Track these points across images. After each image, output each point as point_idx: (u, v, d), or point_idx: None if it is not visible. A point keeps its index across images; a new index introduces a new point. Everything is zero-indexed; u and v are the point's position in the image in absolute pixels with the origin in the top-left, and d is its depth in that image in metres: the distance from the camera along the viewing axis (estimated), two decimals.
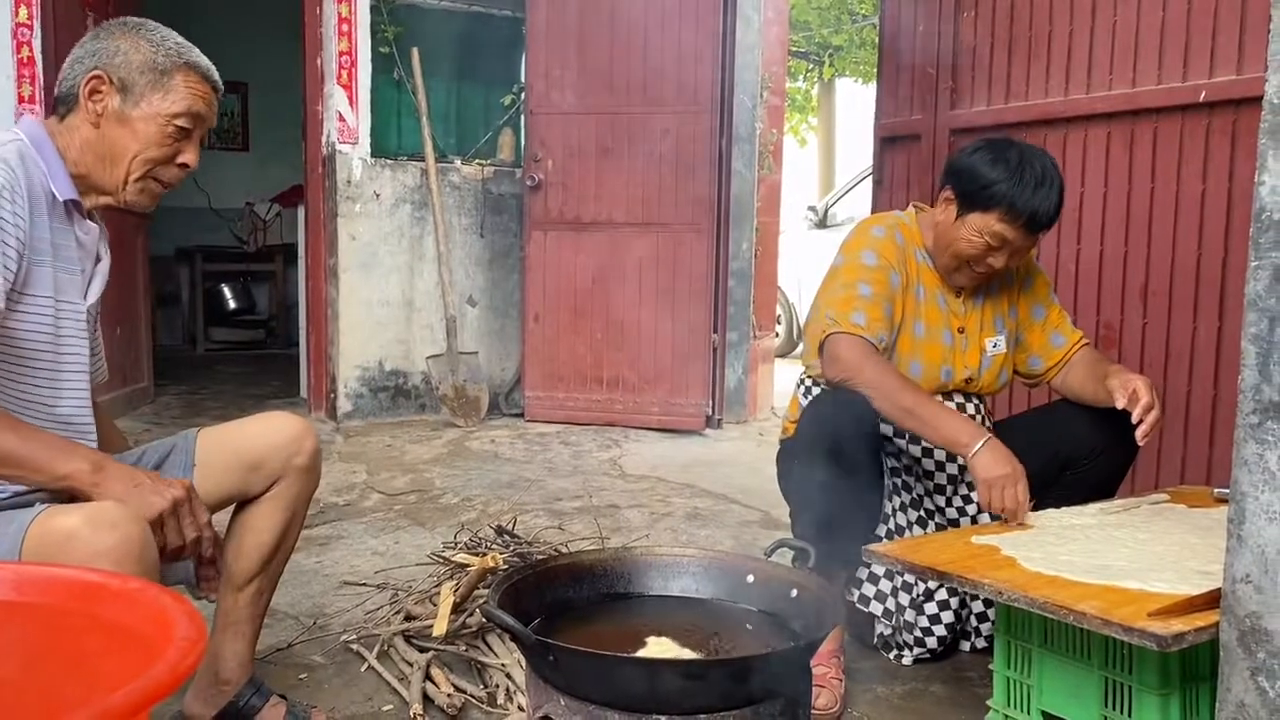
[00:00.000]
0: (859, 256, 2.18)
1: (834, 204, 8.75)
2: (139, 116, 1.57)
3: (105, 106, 1.57)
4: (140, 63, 1.57)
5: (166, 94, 1.58)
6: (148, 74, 1.57)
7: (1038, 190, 2.04)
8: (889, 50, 3.80)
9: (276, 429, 1.77)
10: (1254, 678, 1.30)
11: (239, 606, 1.80)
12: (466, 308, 5.28)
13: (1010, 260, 2.14)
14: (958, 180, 2.13)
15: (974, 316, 2.28)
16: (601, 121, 4.95)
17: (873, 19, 11.74)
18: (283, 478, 1.75)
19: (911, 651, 2.25)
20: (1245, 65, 2.63)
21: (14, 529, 1.37)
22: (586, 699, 1.32)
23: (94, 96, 1.56)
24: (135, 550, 1.33)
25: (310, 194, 5.14)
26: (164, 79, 1.58)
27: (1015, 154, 2.08)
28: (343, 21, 4.88)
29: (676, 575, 1.67)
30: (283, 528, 1.79)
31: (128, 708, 0.79)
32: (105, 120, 1.57)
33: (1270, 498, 1.27)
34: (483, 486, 3.81)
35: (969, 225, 2.10)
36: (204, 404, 5.44)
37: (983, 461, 1.94)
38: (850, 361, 2.04)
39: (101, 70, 1.56)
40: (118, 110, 1.57)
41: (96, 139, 1.57)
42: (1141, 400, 2.02)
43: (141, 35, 1.59)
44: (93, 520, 1.34)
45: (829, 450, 2.00)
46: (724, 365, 5.09)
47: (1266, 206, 1.27)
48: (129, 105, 1.57)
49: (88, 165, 1.58)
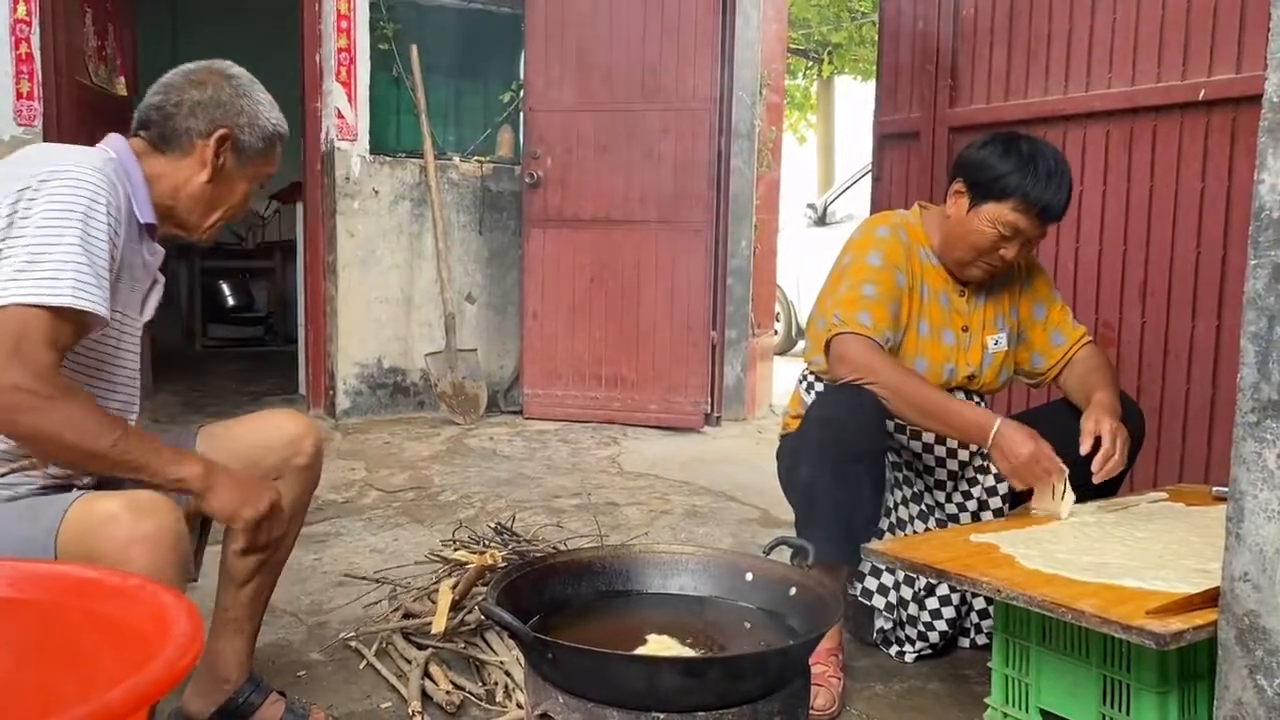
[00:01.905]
0: (865, 257, 2.19)
1: (833, 201, 8.75)
2: (246, 177, 1.70)
3: (224, 164, 1.65)
4: (258, 129, 1.67)
5: (267, 160, 1.72)
6: (260, 141, 1.68)
7: (1050, 181, 2.08)
8: (888, 48, 3.80)
9: (275, 429, 1.77)
10: (1252, 676, 1.30)
11: (238, 604, 1.80)
12: (465, 305, 5.28)
13: (1020, 252, 2.16)
14: (969, 172, 2.15)
15: (976, 315, 2.28)
16: (600, 119, 4.95)
17: (872, 16, 11.73)
18: (281, 477, 1.74)
19: (914, 646, 2.25)
20: (1245, 63, 2.62)
21: (53, 510, 1.41)
22: (585, 696, 1.32)
23: (219, 151, 1.64)
24: (170, 538, 1.38)
25: (309, 191, 5.13)
26: (270, 147, 1.71)
27: (1026, 146, 2.12)
28: (341, 18, 4.87)
29: (675, 573, 1.66)
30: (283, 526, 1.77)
31: (126, 704, 0.79)
32: (220, 175, 1.66)
33: (1269, 496, 1.27)
34: (481, 484, 3.81)
35: (982, 216, 2.12)
36: (202, 401, 5.44)
37: (1000, 450, 1.97)
38: (861, 362, 2.05)
39: (228, 129, 1.64)
40: (232, 169, 1.67)
41: (206, 189, 1.66)
42: (1103, 448, 2.03)
43: (251, 98, 1.68)
44: (133, 506, 1.38)
45: (836, 442, 2.01)
46: (723, 363, 5.09)
47: (1266, 205, 1.27)
48: (241, 165, 1.67)
49: (180, 205, 1.65)
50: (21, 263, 1.39)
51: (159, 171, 1.63)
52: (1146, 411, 2.38)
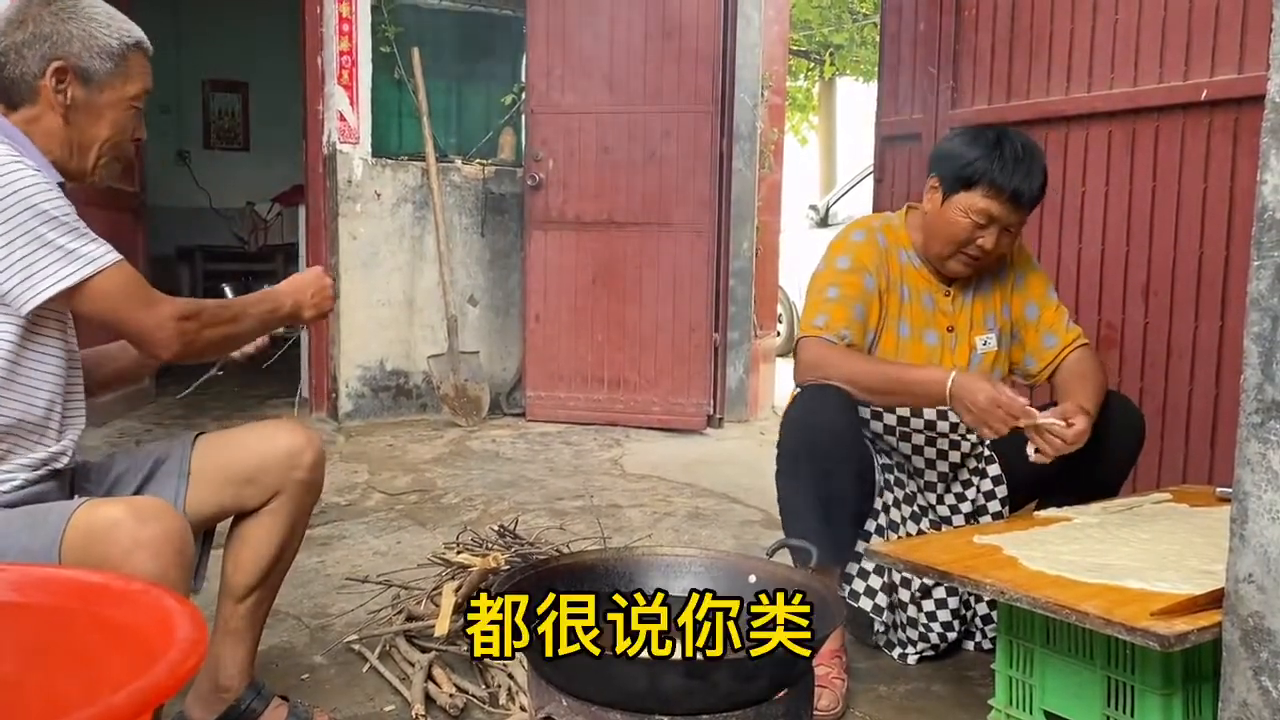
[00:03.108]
0: (834, 262, 2.23)
1: (835, 203, 8.74)
2: (106, 104, 1.58)
3: (72, 97, 1.55)
4: (98, 49, 1.55)
5: (126, 78, 1.59)
6: (106, 60, 1.56)
7: (1018, 164, 2.08)
8: (890, 49, 3.80)
9: (272, 442, 1.72)
10: (1257, 677, 1.30)
11: (238, 617, 1.77)
12: (468, 307, 5.28)
13: (1000, 240, 2.14)
14: (940, 165, 2.17)
15: (963, 315, 2.27)
16: (602, 121, 4.95)
17: (874, 18, 11.73)
18: (281, 492, 1.71)
19: (915, 648, 2.25)
20: (1247, 64, 2.62)
21: (54, 519, 1.40)
22: (588, 699, 1.32)
23: (59, 88, 1.54)
24: (175, 542, 1.37)
25: (311, 193, 5.13)
26: (122, 63, 1.58)
27: (992, 133, 2.13)
28: (343, 21, 4.88)
29: (678, 575, 1.66)
30: (282, 541, 1.75)
31: (130, 708, 0.79)
32: (73, 111, 1.56)
33: (1273, 497, 1.27)
34: (484, 486, 3.81)
35: (955, 206, 2.13)
36: (205, 404, 5.43)
37: (959, 401, 1.97)
38: (812, 361, 2.10)
39: (62, 60, 1.53)
40: (84, 100, 1.56)
41: (64, 130, 1.57)
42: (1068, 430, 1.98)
43: (84, 16, 1.56)
44: (136, 512, 1.38)
45: (804, 443, 2.04)
46: (725, 364, 5.09)
47: (1269, 205, 1.27)
48: (94, 93, 1.57)
49: (55, 154, 1.57)
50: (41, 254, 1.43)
51: (28, 130, 1.55)
52: (1150, 413, 2.38)
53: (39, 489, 1.55)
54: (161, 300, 1.57)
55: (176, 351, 1.57)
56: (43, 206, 1.44)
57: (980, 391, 1.95)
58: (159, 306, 1.56)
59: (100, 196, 4.60)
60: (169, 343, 1.56)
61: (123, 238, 4.94)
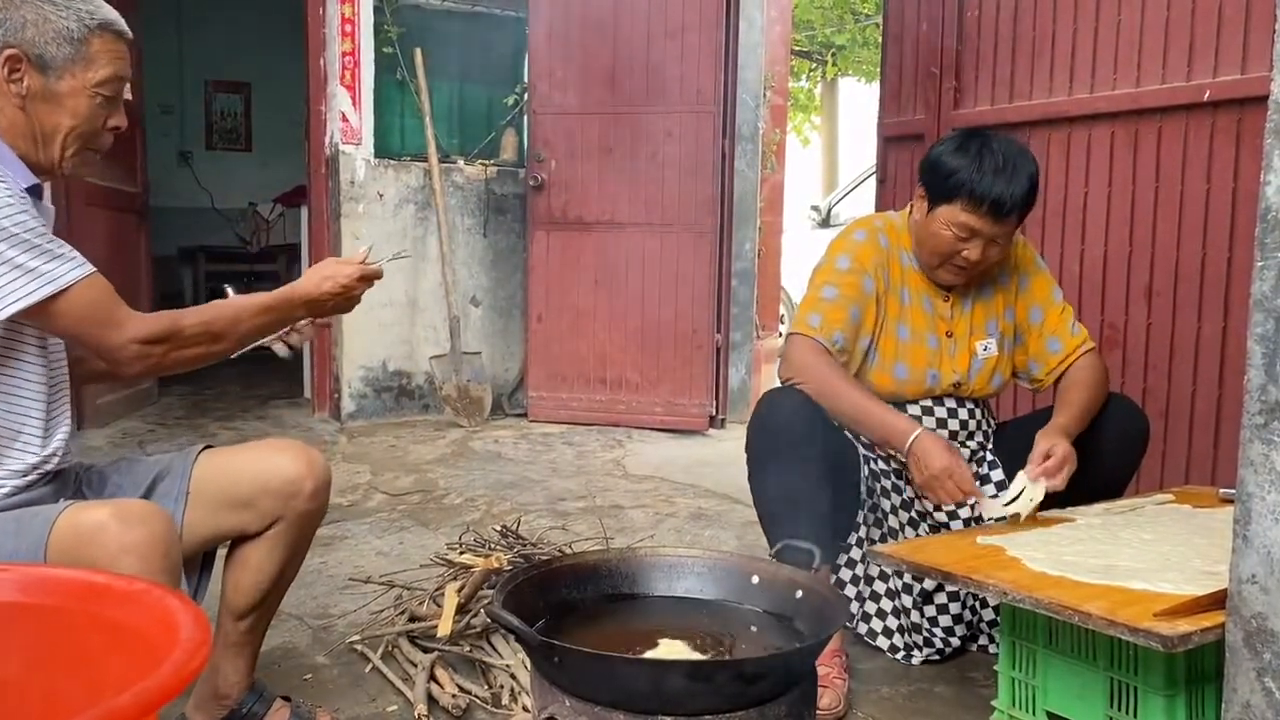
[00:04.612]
0: (835, 260, 2.21)
1: (837, 203, 8.75)
2: (66, 92, 1.50)
3: (28, 86, 1.48)
4: (54, 33, 1.47)
5: (89, 64, 1.50)
6: (64, 45, 1.48)
7: (998, 176, 2.02)
8: (892, 49, 3.80)
9: (273, 468, 1.65)
10: (1260, 679, 1.30)
11: (238, 631, 1.75)
12: (470, 308, 5.28)
13: (987, 251, 2.11)
14: (925, 175, 2.15)
15: (963, 320, 2.25)
16: (604, 121, 4.95)
17: (876, 18, 11.72)
18: (282, 519, 1.67)
19: (921, 652, 2.24)
20: (1250, 64, 2.62)
21: (39, 522, 1.39)
22: (591, 700, 1.32)
23: (13, 77, 1.47)
24: (161, 546, 1.35)
25: (313, 194, 5.14)
26: (82, 48, 1.49)
27: (977, 143, 2.07)
28: (346, 22, 4.88)
29: (681, 576, 1.66)
30: (282, 565, 1.72)
31: (133, 709, 0.79)
32: (30, 101, 1.49)
33: (1277, 498, 1.27)
34: (486, 487, 3.81)
35: (938, 219, 2.11)
36: (208, 404, 5.44)
37: (915, 459, 1.99)
38: (797, 363, 2.10)
39: (14, 47, 1.46)
40: (42, 88, 1.49)
41: (24, 121, 1.50)
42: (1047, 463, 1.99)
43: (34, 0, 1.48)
44: (122, 515, 1.36)
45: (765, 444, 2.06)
46: (727, 365, 5.08)
47: (1272, 206, 1.27)
48: (52, 81, 1.49)
49: (21, 147, 1.52)
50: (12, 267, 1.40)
51: None
52: (1152, 414, 2.37)
53: (31, 494, 1.54)
54: (126, 321, 1.50)
55: (139, 372, 1.57)
56: (3, 224, 1.40)
57: (938, 459, 1.97)
58: (123, 328, 1.50)
59: (103, 197, 4.61)
60: (130, 364, 1.53)
61: (125, 238, 4.95)
